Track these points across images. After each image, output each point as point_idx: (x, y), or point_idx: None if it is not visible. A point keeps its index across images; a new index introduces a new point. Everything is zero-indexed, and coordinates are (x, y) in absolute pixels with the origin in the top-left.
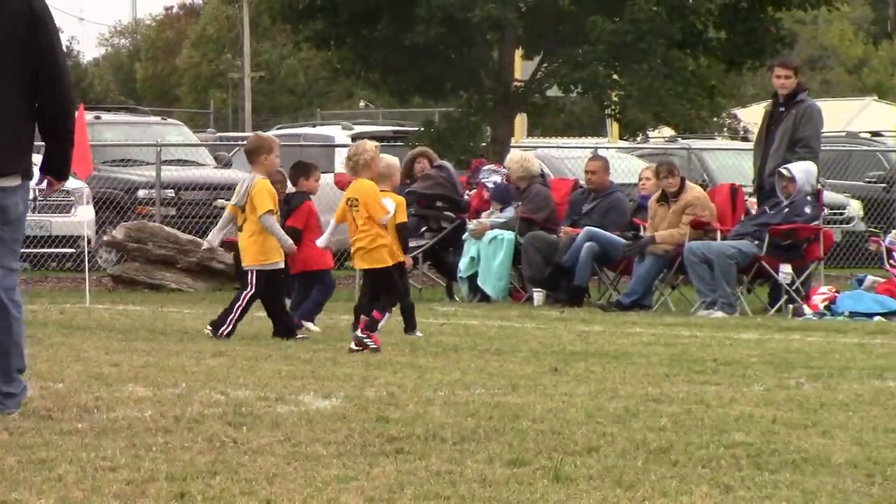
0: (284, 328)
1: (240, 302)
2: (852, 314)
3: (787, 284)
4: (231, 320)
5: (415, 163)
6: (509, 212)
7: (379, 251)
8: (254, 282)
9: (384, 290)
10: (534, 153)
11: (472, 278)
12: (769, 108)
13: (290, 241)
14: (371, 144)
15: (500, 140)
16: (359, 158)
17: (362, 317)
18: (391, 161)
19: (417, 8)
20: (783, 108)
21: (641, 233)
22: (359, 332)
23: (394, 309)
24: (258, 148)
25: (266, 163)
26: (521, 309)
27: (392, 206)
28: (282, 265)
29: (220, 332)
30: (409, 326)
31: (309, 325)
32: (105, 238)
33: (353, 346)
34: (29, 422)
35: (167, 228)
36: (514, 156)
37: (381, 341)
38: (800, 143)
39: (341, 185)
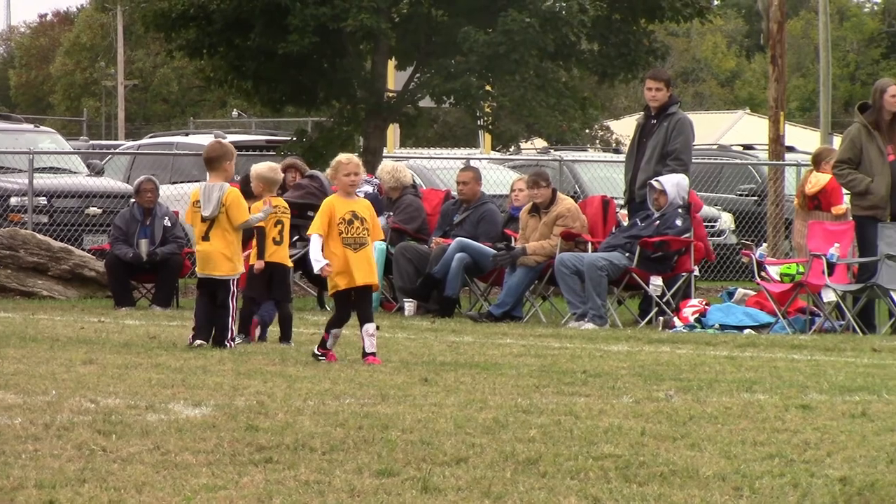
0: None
1: (231, 313)
2: (722, 327)
3: (658, 297)
4: (231, 329)
5: (285, 174)
6: (380, 222)
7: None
8: (234, 290)
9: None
10: (406, 164)
11: None
12: (641, 120)
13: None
14: (335, 159)
15: (373, 150)
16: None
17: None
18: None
19: (290, 17)
20: (654, 121)
21: (513, 244)
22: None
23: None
24: (220, 156)
25: (229, 169)
26: (392, 319)
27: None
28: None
29: (228, 341)
30: (285, 336)
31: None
32: None
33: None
34: None
35: (39, 236)
36: (385, 166)
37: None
38: (671, 155)
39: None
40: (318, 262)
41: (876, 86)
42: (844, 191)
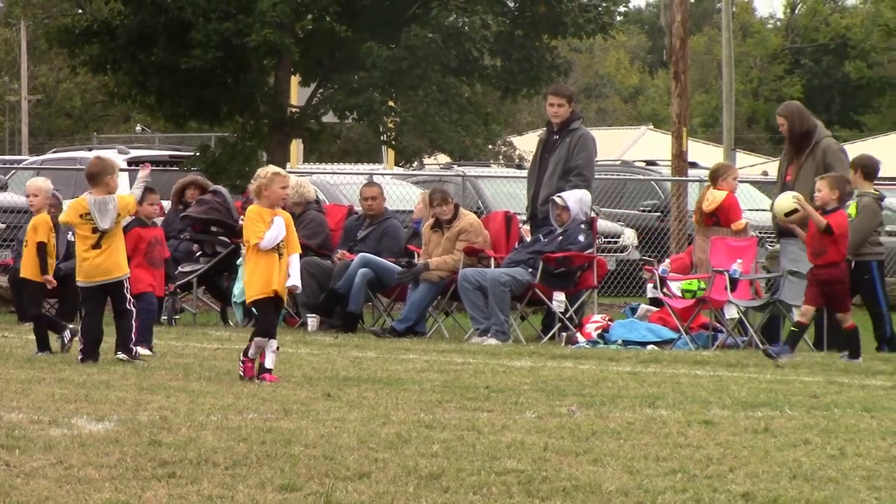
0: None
1: (134, 316)
2: (625, 342)
3: (561, 312)
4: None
5: (185, 190)
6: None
7: (251, 284)
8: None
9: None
10: (309, 179)
11: (246, 303)
12: (543, 136)
13: None
14: (266, 170)
15: (276, 165)
16: (252, 183)
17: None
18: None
19: (194, 32)
20: (557, 136)
21: (416, 259)
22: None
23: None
24: (102, 170)
25: (111, 183)
26: (295, 334)
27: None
28: None
29: (133, 346)
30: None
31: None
32: None
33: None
34: None
35: None
36: (289, 182)
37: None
38: (573, 171)
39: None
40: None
41: None
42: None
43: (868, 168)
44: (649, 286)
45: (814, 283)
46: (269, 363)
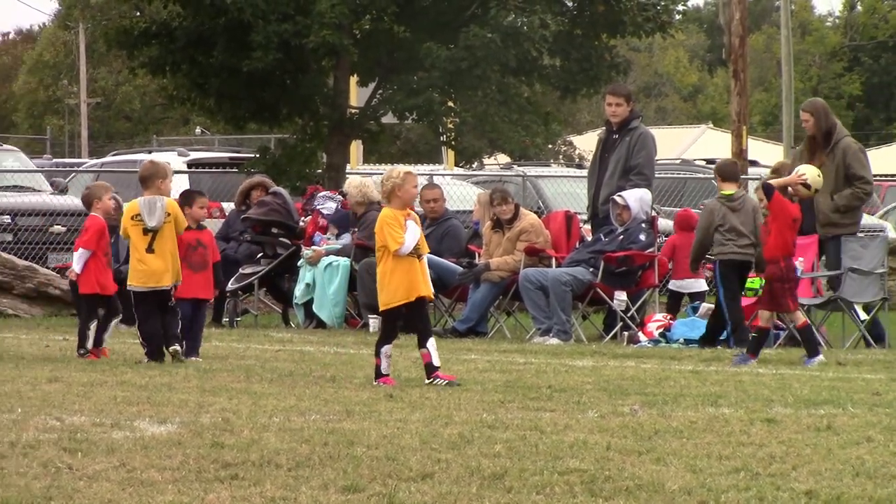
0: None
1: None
2: (687, 341)
3: (622, 311)
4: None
5: (251, 192)
6: (345, 238)
7: (387, 290)
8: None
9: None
10: (372, 180)
11: (308, 305)
12: (602, 135)
13: None
14: (398, 171)
15: (335, 166)
16: (383, 185)
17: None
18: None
19: (253, 34)
20: (616, 136)
21: (477, 259)
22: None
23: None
24: (154, 174)
25: (162, 187)
26: (357, 335)
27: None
28: None
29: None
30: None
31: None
32: None
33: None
34: None
35: (3, 254)
36: (353, 181)
37: (392, 380)
38: (633, 170)
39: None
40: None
41: None
42: None
43: (724, 172)
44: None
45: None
46: (436, 361)
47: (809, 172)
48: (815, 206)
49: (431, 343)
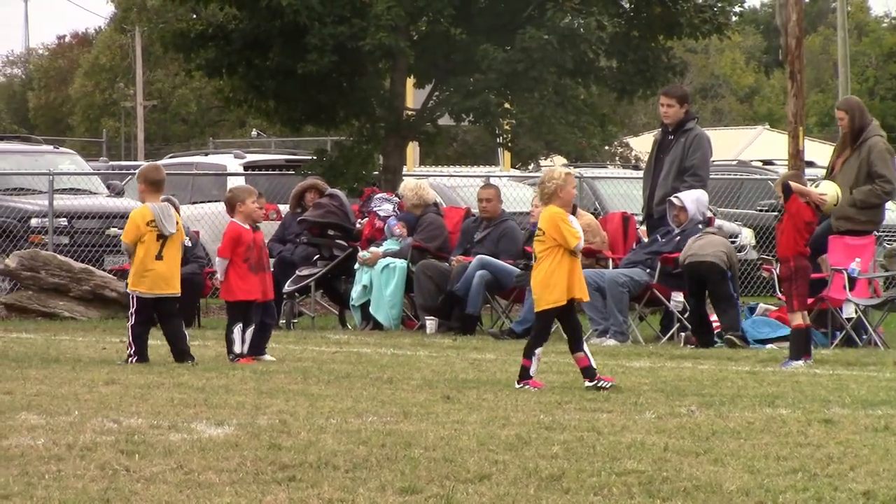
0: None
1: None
2: (759, 341)
3: (679, 312)
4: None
5: (305, 194)
6: (407, 240)
7: (549, 289)
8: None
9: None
10: (427, 181)
11: (365, 306)
12: (658, 136)
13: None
14: (559, 171)
15: (392, 168)
16: (544, 187)
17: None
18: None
19: (309, 36)
20: (672, 137)
21: (533, 261)
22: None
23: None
24: (164, 179)
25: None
26: (414, 337)
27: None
28: None
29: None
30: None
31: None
32: None
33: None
34: None
35: (60, 257)
36: (408, 183)
37: (540, 383)
38: (688, 171)
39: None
40: None
41: None
42: None
43: None
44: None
45: None
46: (594, 363)
47: (829, 198)
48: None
49: (586, 346)
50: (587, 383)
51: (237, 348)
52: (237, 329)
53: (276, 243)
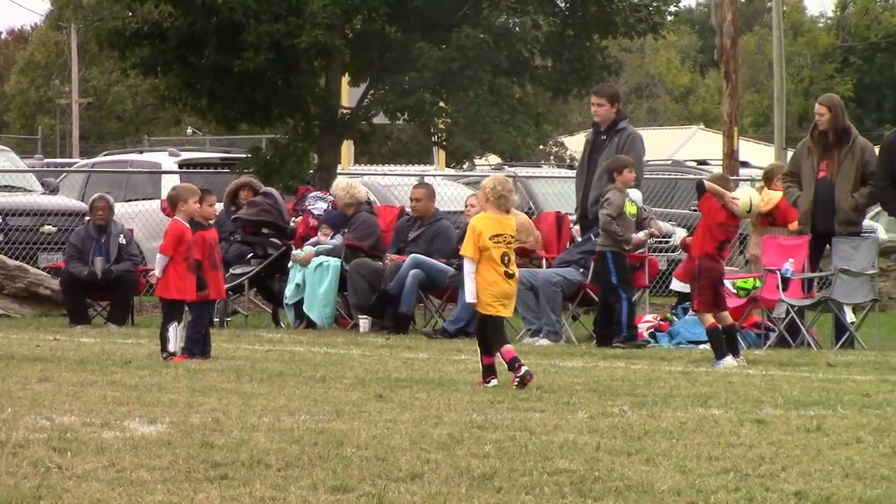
0: None
1: None
2: (678, 343)
3: None
4: None
5: (239, 192)
6: (337, 238)
7: None
8: None
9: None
10: (360, 180)
11: (298, 305)
12: (590, 136)
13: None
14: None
15: (327, 167)
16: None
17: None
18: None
19: (245, 34)
20: (604, 137)
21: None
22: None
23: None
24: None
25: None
26: (347, 336)
27: None
28: None
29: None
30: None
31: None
32: None
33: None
34: None
35: None
36: (340, 182)
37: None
38: None
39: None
40: None
41: None
42: None
43: None
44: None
45: None
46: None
47: (742, 204)
48: (835, 205)
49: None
50: (494, 382)
51: (171, 347)
52: (172, 327)
53: None
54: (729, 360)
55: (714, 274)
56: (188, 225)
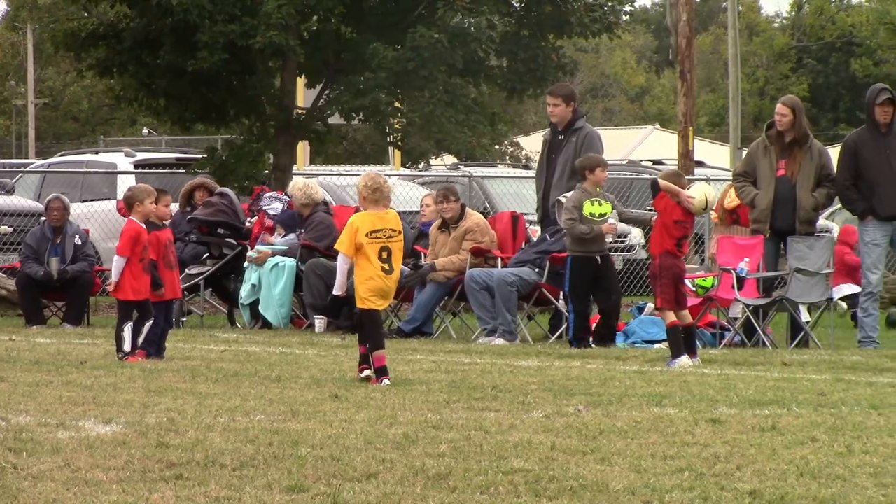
0: None
1: None
2: (633, 343)
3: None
4: None
5: (194, 192)
6: (291, 238)
7: None
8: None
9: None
10: (316, 180)
11: (254, 305)
12: (547, 136)
13: None
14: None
15: (282, 167)
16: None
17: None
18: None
19: (200, 35)
20: (562, 136)
21: (423, 260)
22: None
23: None
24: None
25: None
26: (303, 336)
27: None
28: None
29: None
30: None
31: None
32: None
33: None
34: None
35: None
36: (297, 183)
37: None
38: None
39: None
40: None
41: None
42: None
43: None
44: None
45: None
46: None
47: (697, 202)
48: (797, 203)
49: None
50: (367, 373)
51: (126, 346)
52: (127, 328)
53: None
54: (684, 359)
55: (675, 271)
56: (144, 225)
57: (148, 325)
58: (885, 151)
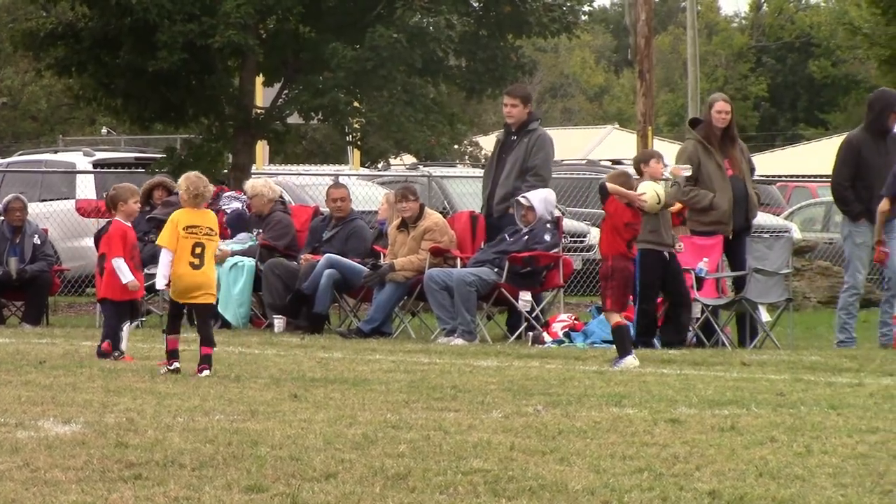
0: None
1: None
2: (592, 343)
3: (527, 312)
4: None
5: (153, 192)
6: (243, 237)
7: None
8: None
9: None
10: (275, 180)
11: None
12: (501, 136)
13: None
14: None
15: (241, 167)
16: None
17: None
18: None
19: (159, 34)
20: (515, 137)
21: (382, 260)
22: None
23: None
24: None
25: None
26: (262, 336)
27: None
28: None
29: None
30: None
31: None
32: None
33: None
34: None
35: None
36: (256, 184)
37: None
38: (530, 171)
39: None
40: None
41: (707, 100)
42: None
43: None
44: None
45: None
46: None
47: (649, 198)
48: (749, 203)
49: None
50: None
51: (123, 346)
52: (126, 327)
53: None
54: (630, 358)
55: (626, 274)
56: (129, 225)
57: (129, 324)
58: (884, 155)
